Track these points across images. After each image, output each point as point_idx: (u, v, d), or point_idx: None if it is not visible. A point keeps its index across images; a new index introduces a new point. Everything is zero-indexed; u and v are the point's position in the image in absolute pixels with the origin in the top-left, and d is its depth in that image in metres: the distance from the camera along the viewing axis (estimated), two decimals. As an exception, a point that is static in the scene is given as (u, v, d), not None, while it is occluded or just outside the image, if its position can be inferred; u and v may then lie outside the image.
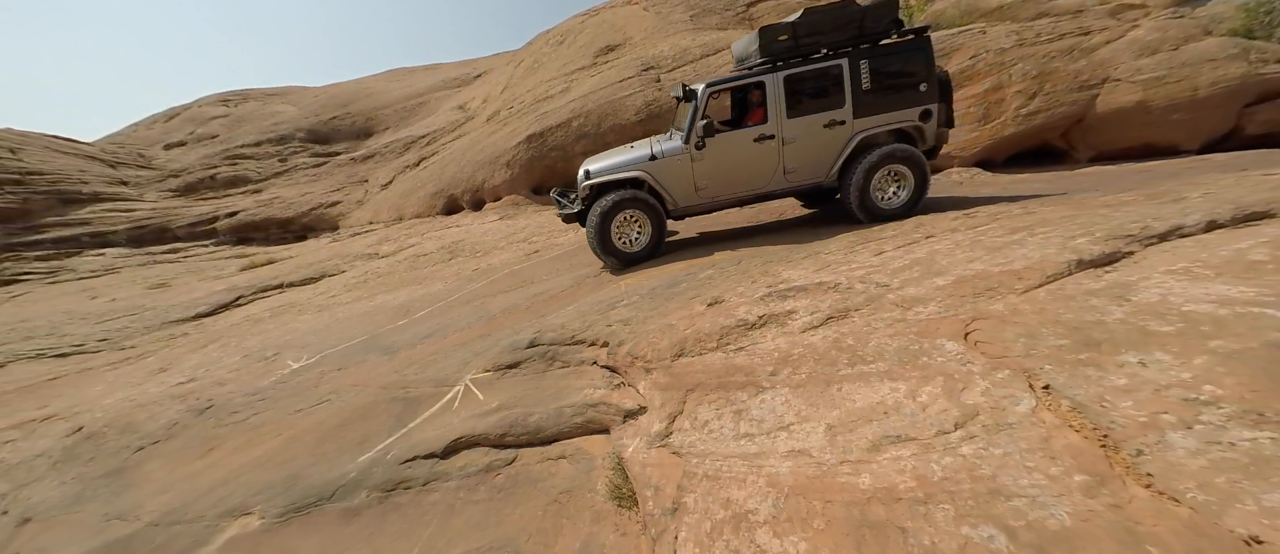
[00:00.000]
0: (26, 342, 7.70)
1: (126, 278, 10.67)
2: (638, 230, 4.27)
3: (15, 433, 4.98)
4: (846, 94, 3.95)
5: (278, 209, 13.41)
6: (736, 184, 4.23)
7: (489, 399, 2.87)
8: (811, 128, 4.03)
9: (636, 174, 4.18)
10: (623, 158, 4.33)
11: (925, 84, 3.93)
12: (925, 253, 2.39)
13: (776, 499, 1.32)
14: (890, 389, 1.47)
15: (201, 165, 16.25)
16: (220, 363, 5.28)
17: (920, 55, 3.91)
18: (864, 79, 3.91)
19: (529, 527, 2.03)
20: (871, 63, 3.90)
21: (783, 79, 3.96)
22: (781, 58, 3.99)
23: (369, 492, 2.46)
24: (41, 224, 12.30)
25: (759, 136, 4.06)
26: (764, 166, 4.13)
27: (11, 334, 8.05)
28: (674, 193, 4.23)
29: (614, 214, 4.10)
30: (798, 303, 2.18)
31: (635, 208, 4.13)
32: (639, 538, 1.77)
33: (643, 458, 1.92)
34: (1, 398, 6.06)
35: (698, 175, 4.19)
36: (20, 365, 6.98)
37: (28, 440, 4.73)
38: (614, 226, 4.17)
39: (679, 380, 2.11)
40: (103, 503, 3.16)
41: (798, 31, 3.92)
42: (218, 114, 20.94)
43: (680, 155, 4.14)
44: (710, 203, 4.33)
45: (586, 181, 4.28)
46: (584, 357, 2.87)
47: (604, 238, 4.14)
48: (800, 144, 4.06)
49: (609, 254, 4.23)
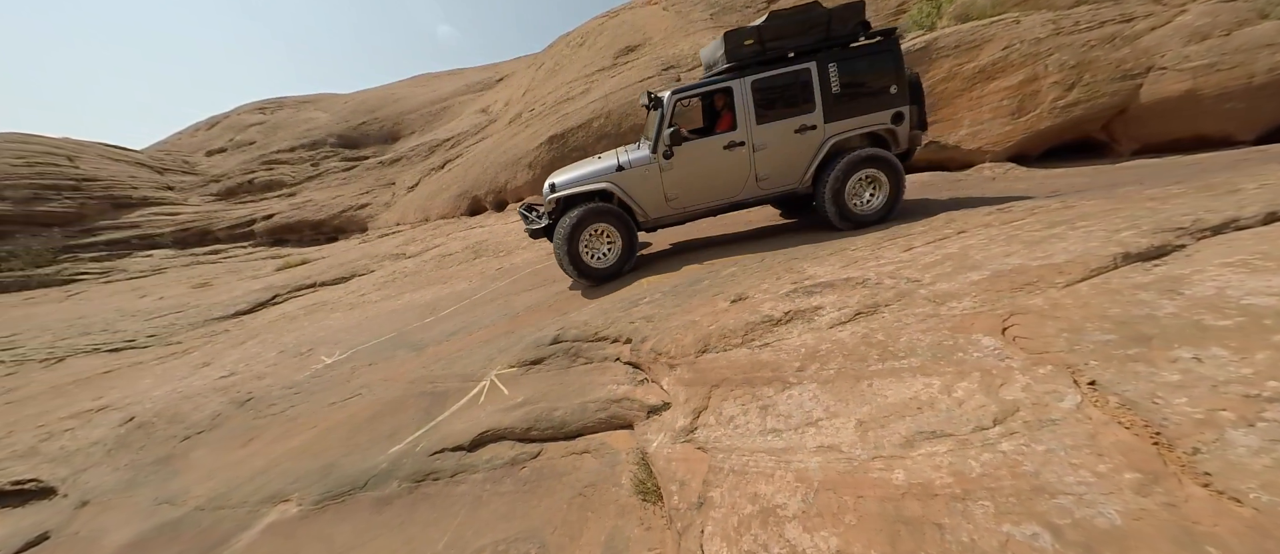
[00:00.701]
0: (83, 337, 8.20)
1: (172, 277, 11.24)
2: (607, 245, 4.14)
3: (73, 422, 5.31)
4: (816, 98, 3.89)
5: (310, 212, 13.92)
6: (708, 193, 4.12)
7: (514, 394, 2.92)
8: (782, 133, 3.96)
9: (604, 186, 4.05)
10: (589, 169, 4.22)
11: (896, 86, 3.87)
12: (958, 248, 2.32)
13: (806, 494, 1.30)
14: (924, 385, 1.44)
15: (240, 170, 16.99)
16: (259, 358, 5.51)
17: (889, 57, 3.85)
18: (833, 82, 3.86)
19: (554, 519, 2.05)
20: (840, 66, 3.85)
21: (750, 84, 3.89)
22: (748, 63, 3.92)
23: (400, 482, 2.53)
24: (96, 227, 13.06)
25: (729, 144, 3.97)
26: (735, 174, 4.04)
27: (70, 330, 8.58)
28: (643, 204, 4.12)
29: (582, 228, 3.98)
30: (825, 299, 2.15)
31: (604, 221, 4.01)
32: (664, 532, 1.78)
33: (667, 453, 1.92)
34: (61, 389, 6.47)
35: (667, 185, 4.07)
36: (77, 359, 7.44)
37: (85, 429, 5.04)
38: (582, 242, 4.04)
39: (703, 376, 2.10)
40: (153, 488, 3.33)
41: (763, 36, 3.86)
42: (255, 121, 21.87)
43: (648, 165, 4.04)
44: (681, 213, 4.21)
45: (552, 195, 4.16)
46: (607, 353, 2.88)
47: (572, 253, 4.01)
48: (771, 150, 3.98)
49: (578, 271, 4.10)
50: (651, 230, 4.44)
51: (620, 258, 4.13)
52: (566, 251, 3.97)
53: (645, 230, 4.37)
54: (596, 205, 3.99)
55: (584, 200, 4.12)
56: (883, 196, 3.94)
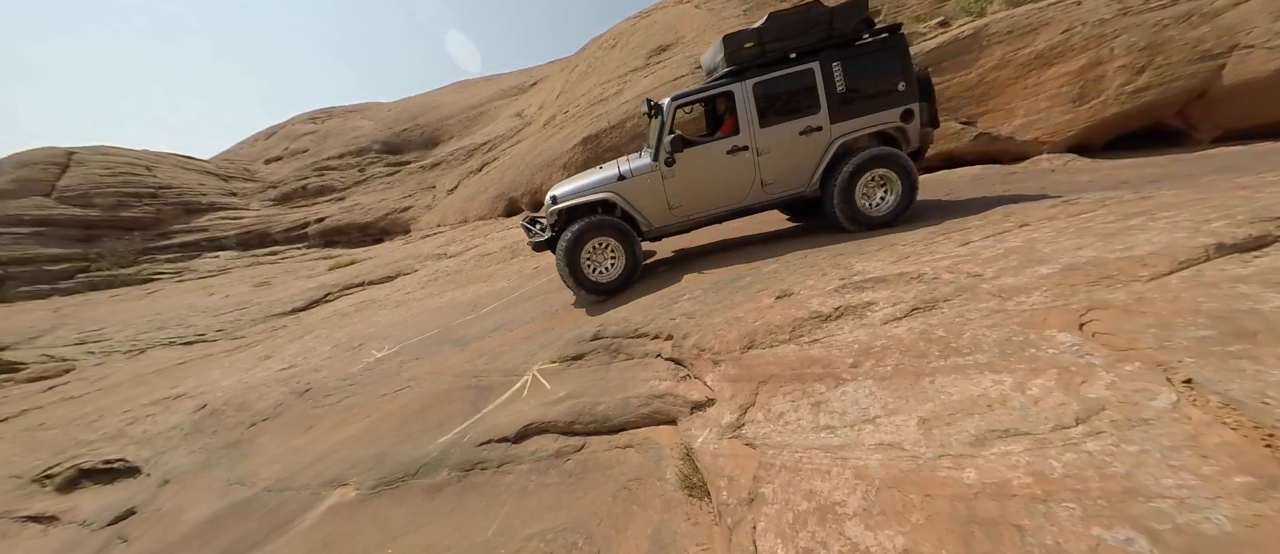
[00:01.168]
0: (160, 331, 8.92)
1: (236, 277, 12.07)
2: (611, 259, 4.03)
3: (154, 408, 5.79)
4: (821, 99, 3.78)
5: (358, 215, 14.64)
6: (712, 200, 4.01)
7: (556, 389, 2.97)
8: (787, 136, 3.84)
9: (605, 196, 3.94)
10: (591, 179, 4.12)
11: (904, 83, 3.75)
12: (1021, 241, 2.20)
13: (867, 492, 1.26)
14: (993, 382, 1.36)
15: (295, 177, 18.07)
16: (315, 352, 5.84)
17: (895, 54, 3.73)
18: (838, 82, 3.74)
19: (599, 511, 2.07)
20: (845, 65, 3.74)
21: (752, 87, 3.79)
22: (749, 65, 3.83)
23: (449, 470, 2.62)
24: (170, 230, 14.19)
25: (732, 148, 3.86)
26: (739, 179, 3.92)
27: (149, 324, 9.36)
28: (646, 213, 4.01)
29: (583, 241, 3.86)
30: (876, 294, 2.07)
31: (606, 234, 3.90)
32: (712, 527, 1.76)
33: (713, 449, 1.90)
34: (142, 378, 7.07)
35: (670, 193, 3.97)
36: (156, 351, 8.11)
37: (164, 415, 5.49)
38: (584, 255, 3.92)
39: (749, 372, 2.07)
40: (225, 469, 3.59)
41: (763, 37, 3.78)
42: (307, 131, 23.22)
43: (650, 173, 3.94)
44: (685, 221, 4.09)
45: (553, 207, 4.06)
46: (648, 349, 2.89)
47: (574, 267, 3.89)
48: (776, 154, 3.87)
49: (580, 285, 3.97)
50: (655, 239, 4.34)
51: (624, 271, 4.00)
52: (567, 266, 3.86)
53: (649, 240, 4.26)
54: (598, 218, 3.87)
55: (587, 211, 4.01)
56: (895, 197, 3.80)
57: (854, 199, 3.76)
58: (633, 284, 4.05)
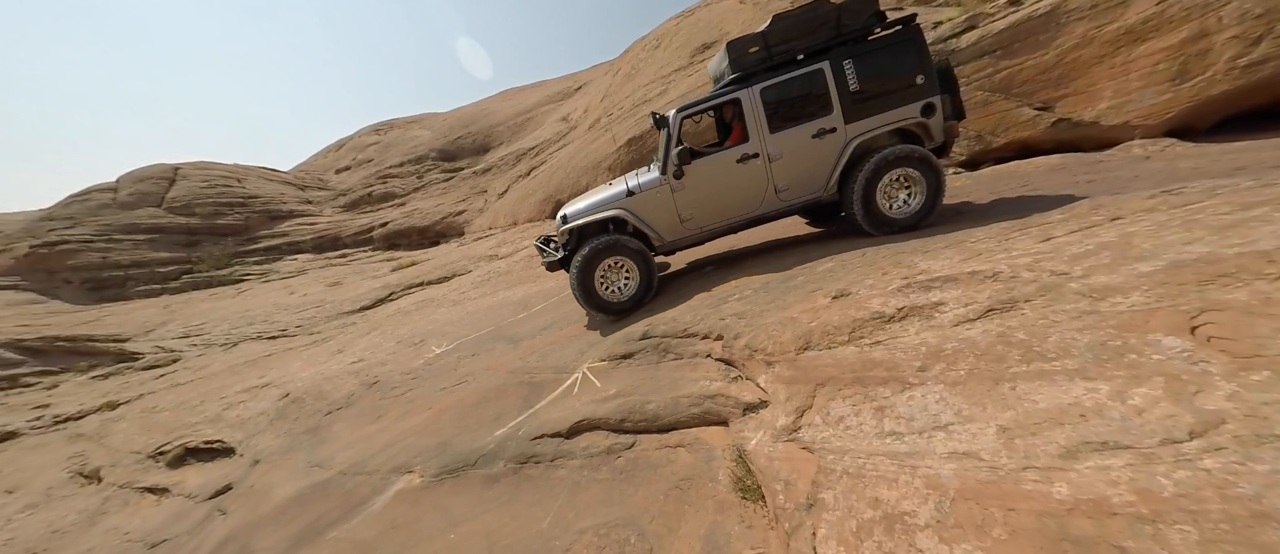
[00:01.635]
0: (249, 326, 9.87)
1: (312, 277, 13.15)
2: (625, 277, 3.93)
3: (245, 396, 6.42)
4: (833, 99, 3.63)
5: (417, 219, 15.53)
6: (724, 210, 3.89)
7: (606, 387, 3.01)
8: (799, 140, 3.69)
9: (615, 213, 3.86)
10: (600, 196, 4.05)
11: (922, 76, 3.56)
12: (1115, 236, 1.99)
13: (940, 502, 1.19)
14: (1085, 390, 1.25)
15: (361, 185, 19.44)
16: (381, 347, 6.26)
17: (911, 46, 3.56)
18: (850, 80, 3.59)
19: (651, 509, 2.08)
20: (857, 62, 3.58)
21: (759, 92, 3.67)
22: (756, 71, 3.72)
23: (505, 462, 2.72)
24: (257, 236, 15.69)
25: (742, 157, 3.73)
26: (752, 188, 3.80)
27: (240, 320, 10.39)
28: (658, 228, 3.92)
29: (596, 262, 3.79)
30: (945, 294, 1.95)
31: (618, 254, 3.82)
32: (767, 531, 1.73)
33: (768, 452, 1.86)
34: (235, 368, 7.85)
35: (681, 206, 3.87)
36: (246, 344, 8.98)
37: (253, 402, 6.07)
38: (597, 276, 3.84)
39: (805, 374, 2.01)
40: (306, 453, 3.92)
41: (769, 41, 3.66)
42: (371, 142, 24.91)
43: (659, 187, 3.85)
44: (698, 234, 3.99)
45: (564, 226, 4.00)
46: (697, 349, 2.87)
47: (587, 289, 3.82)
48: (789, 159, 3.73)
49: (594, 306, 3.89)
50: (669, 254, 4.27)
51: (639, 288, 3.91)
52: (581, 288, 3.80)
53: (663, 254, 4.19)
54: (610, 238, 3.79)
55: (598, 229, 3.96)
56: (920, 197, 3.60)
57: (874, 201, 3.59)
58: (649, 300, 3.95)
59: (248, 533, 3.02)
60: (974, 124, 6.55)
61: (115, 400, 7.54)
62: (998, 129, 6.41)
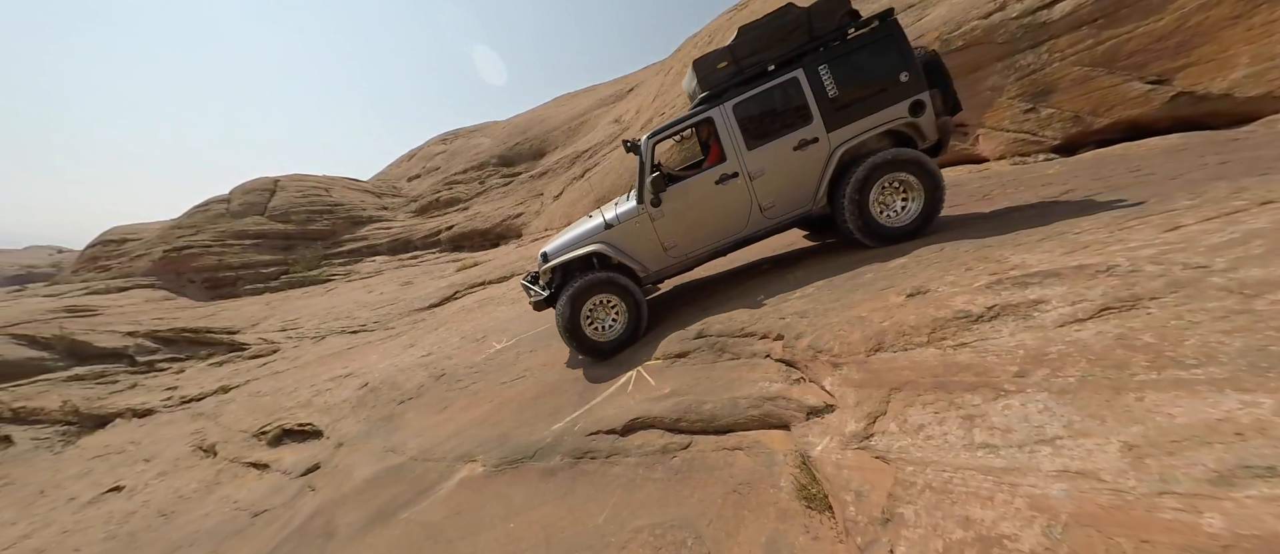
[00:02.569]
0: (335, 321, 10.84)
1: (387, 278, 14.23)
2: (613, 315, 3.78)
3: (331, 384, 7.03)
4: (812, 107, 3.44)
5: (479, 222, 16.36)
6: (708, 234, 3.71)
7: (661, 385, 2.97)
8: (780, 154, 3.50)
9: (595, 248, 3.73)
10: (580, 230, 3.92)
11: (906, 73, 3.35)
12: (1268, 223, 1.66)
13: (1049, 527, 1.04)
14: (1241, 404, 1.04)
15: (429, 191, 20.79)
16: (447, 342, 6.63)
17: (890, 43, 3.35)
18: (828, 86, 3.41)
19: (708, 512, 2.02)
20: (833, 66, 3.40)
21: (731, 109, 3.51)
22: (726, 86, 3.55)
23: (562, 457, 2.76)
24: (342, 240, 17.23)
25: (721, 177, 3.56)
26: (735, 208, 3.62)
27: (327, 316, 11.44)
28: (641, 258, 3.76)
29: (580, 304, 3.65)
30: (1047, 291, 1.72)
31: (603, 291, 3.67)
32: (835, 544, 1.61)
33: (836, 459, 1.74)
34: (323, 359, 8.64)
35: (662, 234, 3.71)
36: (332, 338, 9.86)
37: (338, 390, 6.64)
38: (583, 315, 3.69)
39: (878, 378, 1.86)
40: (382, 438, 4.21)
41: (737, 54, 3.51)
42: (439, 151, 26.60)
43: (637, 217, 3.70)
44: (684, 261, 3.83)
45: (545, 265, 3.87)
46: (755, 349, 2.76)
47: (574, 330, 3.66)
48: (771, 175, 3.54)
49: (583, 348, 3.73)
50: (656, 283, 4.13)
51: (628, 324, 3.74)
52: (567, 329, 3.66)
53: (651, 283, 4.03)
54: (590, 278, 3.64)
55: (582, 266, 3.84)
56: (918, 202, 3.38)
57: (868, 210, 3.38)
58: (640, 336, 3.79)
59: (332, 509, 3.28)
60: (1069, 104, 5.85)
61: (227, 385, 8.56)
62: (1099, 108, 5.67)
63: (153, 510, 5.49)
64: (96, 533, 5.40)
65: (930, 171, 3.33)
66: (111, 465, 7.08)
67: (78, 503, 6.27)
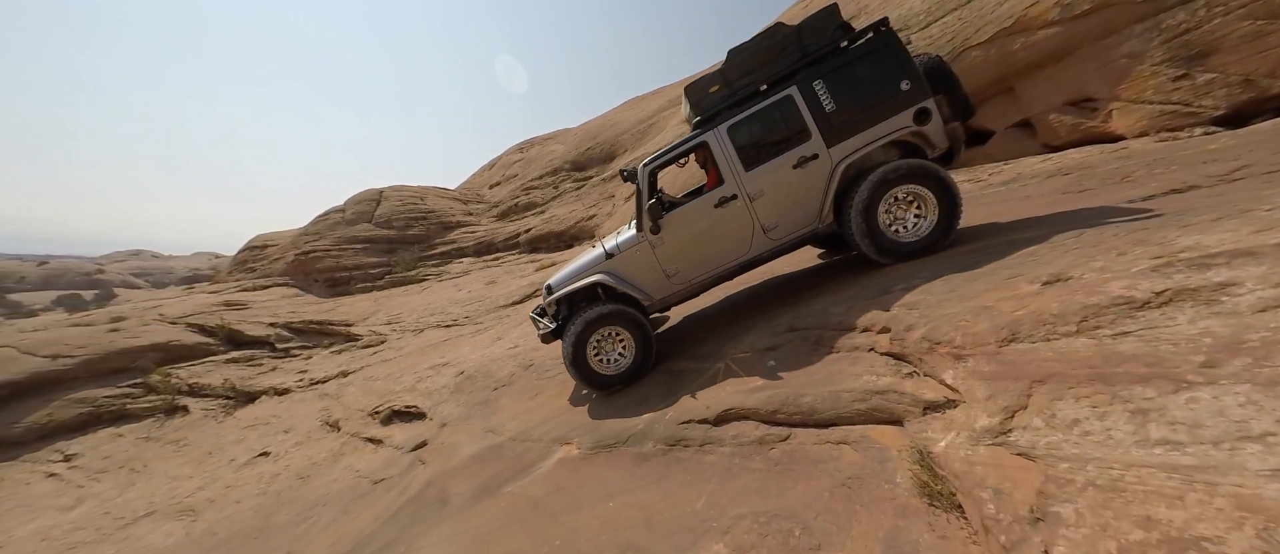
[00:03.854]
0: (431, 316, 11.90)
1: (474, 278, 15.37)
2: (621, 348, 3.72)
3: (431, 372, 7.73)
4: (809, 123, 3.36)
5: (554, 225, 17.14)
6: (711, 259, 3.63)
7: (751, 378, 2.94)
8: (779, 173, 3.42)
9: (597, 279, 3.69)
10: (582, 262, 3.90)
11: (907, 81, 3.24)
12: None
13: (1267, 530, 0.89)
14: None
15: (509, 197, 22.15)
16: (531, 336, 7.02)
17: (887, 53, 3.27)
18: (825, 101, 3.32)
19: (814, 505, 1.96)
20: (828, 80, 3.33)
21: (725, 132, 3.47)
22: (720, 110, 3.53)
23: (655, 443, 2.82)
24: (434, 243, 18.90)
25: (720, 201, 3.50)
26: (737, 231, 3.54)
27: (425, 312, 12.59)
28: (645, 287, 3.71)
29: (585, 338, 3.61)
30: (1237, 272, 1.47)
31: (609, 324, 3.62)
32: (968, 544, 1.49)
33: (965, 455, 1.61)
34: (423, 350, 9.51)
35: (664, 261, 3.65)
36: (429, 331, 10.83)
37: (437, 377, 7.28)
38: (590, 349, 3.64)
39: (1014, 370, 1.70)
40: (481, 421, 4.56)
41: (728, 76, 3.48)
42: (516, 159, 28.23)
43: (638, 246, 3.67)
44: (688, 287, 3.74)
45: (550, 297, 3.86)
46: (856, 342, 2.64)
47: (580, 364, 3.63)
48: (772, 195, 3.46)
49: (590, 382, 3.69)
50: (664, 311, 4.04)
51: (637, 356, 3.68)
52: (573, 363, 3.63)
53: (658, 312, 3.98)
54: (598, 310, 3.59)
55: (587, 297, 3.83)
56: (932, 214, 3.22)
57: (877, 225, 3.25)
58: (649, 369, 3.74)
59: (443, 479, 3.61)
60: (1236, 66, 4.94)
61: (346, 370, 9.73)
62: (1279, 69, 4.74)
63: (293, 474, 6.38)
64: (251, 489, 6.38)
65: (943, 180, 3.17)
66: (260, 435, 8.31)
67: (236, 464, 7.44)
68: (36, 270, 52.50)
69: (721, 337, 3.77)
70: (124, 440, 9.00)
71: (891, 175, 3.18)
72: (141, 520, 6.43)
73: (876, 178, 3.19)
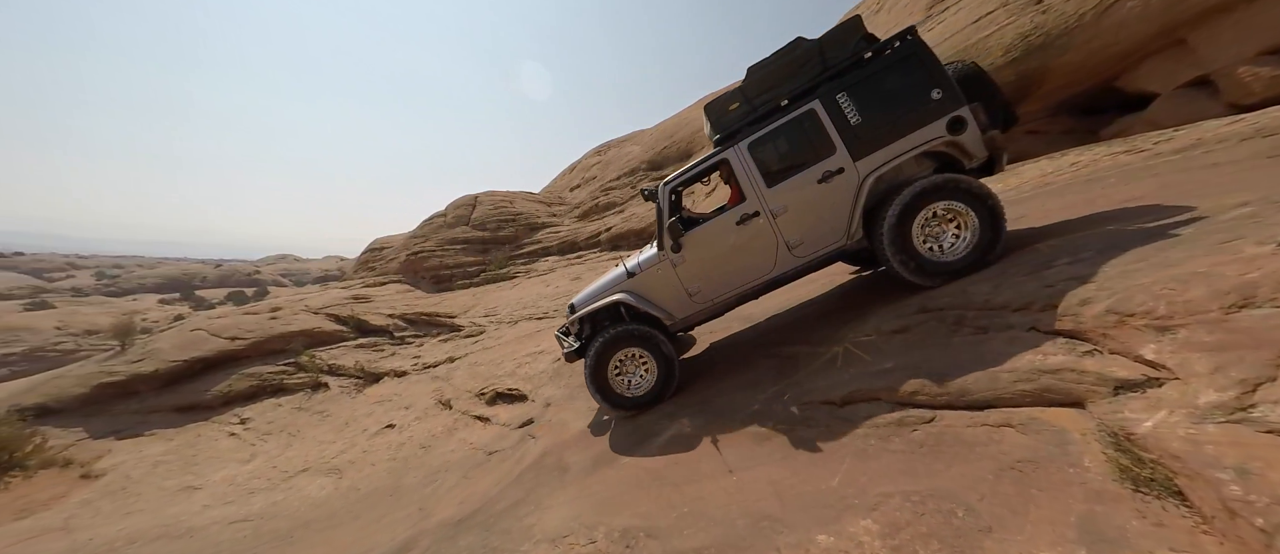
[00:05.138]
0: (523, 309, 12.70)
1: (559, 274, 16.16)
2: (644, 370, 3.66)
3: (528, 359, 8.23)
4: (833, 136, 3.23)
5: (633, 223, 17.48)
6: (733, 277, 3.52)
7: (877, 361, 2.78)
8: (803, 189, 3.31)
9: (619, 298, 3.62)
10: (604, 281, 3.87)
11: (938, 90, 3.09)
12: None
13: None
14: None
15: (589, 199, 22.97)
16: (623, 326, 7.22)
17: (914, 62, 3.13)
18: (850, 114, 3.20)
19: (976, 487, 1.80)
20: (852, 92, 3.21)
21: (746, 148, 3.39)
22: (741, 127, 3.45)
23: (775, 424, 2.77)
24: (522, 244, 20.16)
25: (742, 218, 3.41)
26: (760, 249, 3.43)
27: (517, 305, 13.46)
28: (667, 307, 3.63)
29: (609, 354, 3.56)
30: None
31: (629, 345, 3.56)
32: (1195, 534, 1.29)
33: (1188, 435, 1.40)
34: (519, 340, 10.16)
35: (686, 280, 3.56)
36: (523, 323, 11.56)
37: (535, 363, 7.74)
38: (611, 370, 3.59)
39: (1250, 339, 1.44)
40: (583, 401, 4.76)
41: (748, 94, 3.42)
42: (594, 162, 29.20)
43: (659, 265, 3.60)
44: (711, 307, 3.63)
45: (573, 317, 3.83)
46: (1009, 322, 2.39)
47: (600, 384, 3.59)
48: (795, 211, 3.34)
49: (610, 403, 3.64)
50: (687, 331, 3.96)
51: (659, 377, 3.61)
52: (594, 384, 3.62)
53: (681, 332, 3.87)
54: (619, 330, 3.55)
55: (610, 316, 3.76)
56: (972, 232, 2.99)
57: (913, 246, 3.05)
58: (670, 392, 3.66)
59: (558, 450, 3.83)
60: None
61: (453, 357, 10.68)
62: None
63: (416, 444, 7.14)
64: (383, 455, 7.24)
65: (982, 195, 2.94)
66: (385, 410, 9.38)
67: (368, 433, 8.47)
68: (214, 271, 64.24)
69: (836, 322, 3.60)
70: (282, 409, 10.63)
71: (929, 190, 2.97)
72: (299, 475, 7.57)
73: (913, 192, 2.99)
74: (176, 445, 9.59)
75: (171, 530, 6.28)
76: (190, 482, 8.13)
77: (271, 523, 5.93)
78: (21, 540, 6.48)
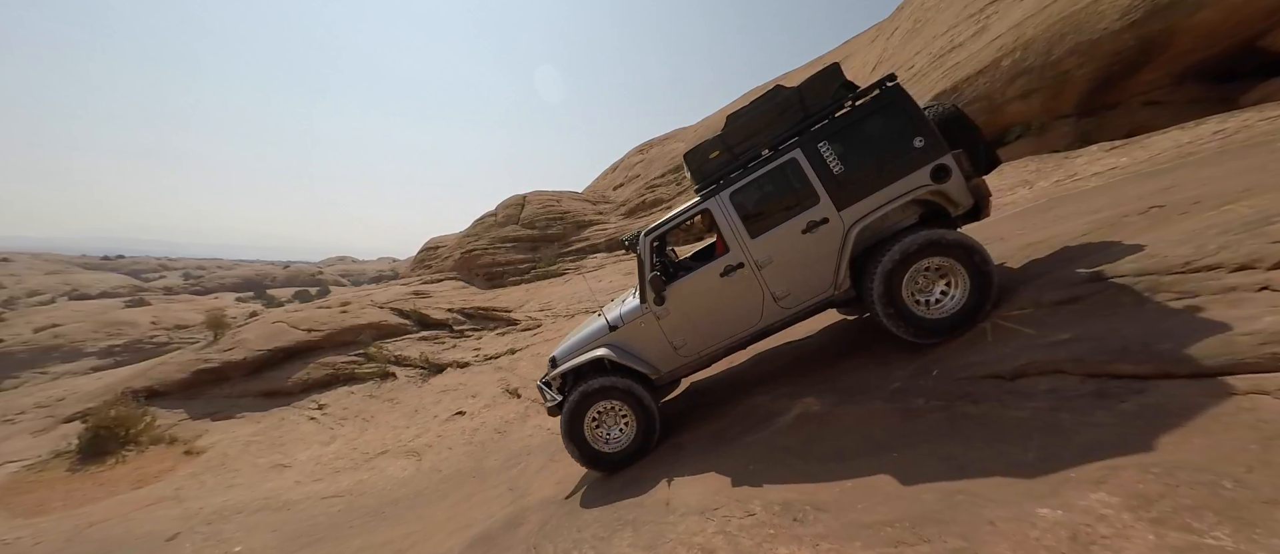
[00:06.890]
0: (577, 304, 12.79)
1: (609, 270, 16.22)
2: (622, 425, 3.48)
3: (595, 349, 8.24)
4: (816, 186, 3.15)
5: (682, 219, 17.36)
6: (720, 330, 3.41)
7: (1043, 334, 2.52)
8: (787, 239, 3.22)
9: (599, 354, 3.46)
10: (585, 333, 3.74)
11: (920, 138, 2.97)
12: None
13: None
14: None
15: (635, 196, 23.01)
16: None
17: (895, 110, 3.03)
18: (832, 163, 3.11)
19: (1238, 458, 1.55)
20: (834, 141, 3.11)
21: (728, 198, 3.31)
22: (722, 176, 3.37)
23: (926, 399, 2.55)
24: (570, 241, 20.42)
25: (725, 270, 3.31)
26: (746, 301, 3.32)
27: (569, 299, 13.60)
28: (650, 360, 3.49)
29: (582, 413, 3.41)
30: None
31: (607, 398, 3.41)
32: None
33: None
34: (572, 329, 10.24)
35: (670, 332, 3.44)
36: (578, 315, 11.64)
37: (604, 353, 7.74)
38: (587, 425, 3.43)
39: None
40: (678, 384, 4.67)
41: (728, 142, 3.37)
42: (637, 160, 29.26)
43: (642, 317, 3.46)
44: (697, 359, 3.50)
45: (554, 370, 3.67)
46: (1228, 282, 2.09)
47: (576, 439, 3.43)
48: (780, 262, 3.24)
49: (586, 460, 3.48)
50: (674, 383, 3.86)
51: (639, 433, 3.43)
52: (569, 438, 3.45)
53: (666, 384, 3.70)
54: (600, 383, 3.39)
55: (593, 370, 3.54)
56: (963, 288, 2.88)
57: (903, 303, 2.94)
58: (652, 448, 3.47)
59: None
60: None
61: (513, 348, 10.88)
62: None
63: (490, 429, 7.27)
64: (458, 439, 7.41)
65: (970, 248, 2.82)
66: (452, 398, 9.64)
67: (439, 420, 8.71)
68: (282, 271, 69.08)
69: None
70: (355, 396, 11.12)
71: (922, 245, 2.86)
72: (380, 457, 7.86)
73: (905, 248, 2.89)
74: (264, 427, 10.21)
75: (271, 503, 6.64)
76: (279, 460, 8.61)
77: (361, 500, 6.16)
78: (142, 507, 7.04)
